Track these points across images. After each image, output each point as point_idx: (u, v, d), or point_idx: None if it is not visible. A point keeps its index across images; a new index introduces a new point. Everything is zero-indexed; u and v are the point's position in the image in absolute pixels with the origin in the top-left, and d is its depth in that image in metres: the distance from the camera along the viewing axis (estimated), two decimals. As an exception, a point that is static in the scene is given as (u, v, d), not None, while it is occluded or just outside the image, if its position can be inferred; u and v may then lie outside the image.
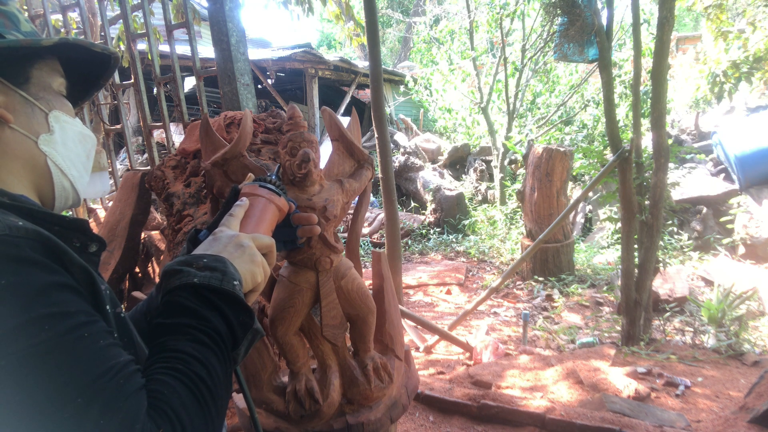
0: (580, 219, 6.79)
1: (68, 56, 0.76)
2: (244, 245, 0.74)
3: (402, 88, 11.35)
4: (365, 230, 7.09)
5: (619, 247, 3.70)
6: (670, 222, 5.41)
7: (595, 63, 3.35)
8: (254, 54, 8.92)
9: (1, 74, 0.67)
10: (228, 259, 0.69)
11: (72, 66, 0.78)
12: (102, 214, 4.37)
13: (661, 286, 4.16)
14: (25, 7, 4.25)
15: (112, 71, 0.85)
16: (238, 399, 1.43)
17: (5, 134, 0.67)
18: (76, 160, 0.75)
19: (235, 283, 0.67)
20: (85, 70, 0.82)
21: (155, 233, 3.39)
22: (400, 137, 10.08)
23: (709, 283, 4.66)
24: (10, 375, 0.49)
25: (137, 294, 2.53)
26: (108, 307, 0.63)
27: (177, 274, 0.66)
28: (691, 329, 3.73)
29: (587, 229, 6.84)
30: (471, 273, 5.66)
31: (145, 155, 7.59)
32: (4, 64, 0.67)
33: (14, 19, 0.70)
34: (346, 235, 1.50)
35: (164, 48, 3.79)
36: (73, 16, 4.50)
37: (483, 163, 8.60)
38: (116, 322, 0.64)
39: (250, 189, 0.92)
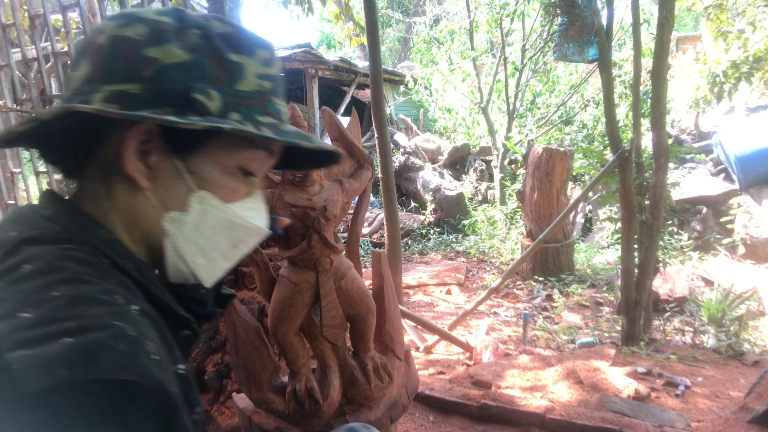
0: (580, 219, 6.79)
1: None
2: None
3: (402, 88, 11.35)
4: (365, 230, 7.09)
5: (619, 247, 3.70)
6: (670, 222, 5.41)
7: (595, 63, 3.35)
8: (254, 54, 8.89)
9: (172, 136, 0.59)
10: None
11: None
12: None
13: (661, 286, 4.16)
14: (25, 7, 4.25)
15: (335, 162, 0.79)
16: (238, 399, 1.43)
17: (137, 197, 0.61)
18: (209, 248, 0.66)
19: None
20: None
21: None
22: (400, 137, 10.08)
23: (709, 283, 4.66)
24: None
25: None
26: None
27: None
28: (691, 329, 3.73)
29: (587, 229, 6.83)
30: (471, 273, 5.66)
31: (145, 155, 7.57)
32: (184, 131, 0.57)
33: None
34: (346, 235, 1.50)
35: (164, 48, 3.78)
36: (73, 16, 4.50)
37: (483, 163, 8.60)
38: None
39: None
